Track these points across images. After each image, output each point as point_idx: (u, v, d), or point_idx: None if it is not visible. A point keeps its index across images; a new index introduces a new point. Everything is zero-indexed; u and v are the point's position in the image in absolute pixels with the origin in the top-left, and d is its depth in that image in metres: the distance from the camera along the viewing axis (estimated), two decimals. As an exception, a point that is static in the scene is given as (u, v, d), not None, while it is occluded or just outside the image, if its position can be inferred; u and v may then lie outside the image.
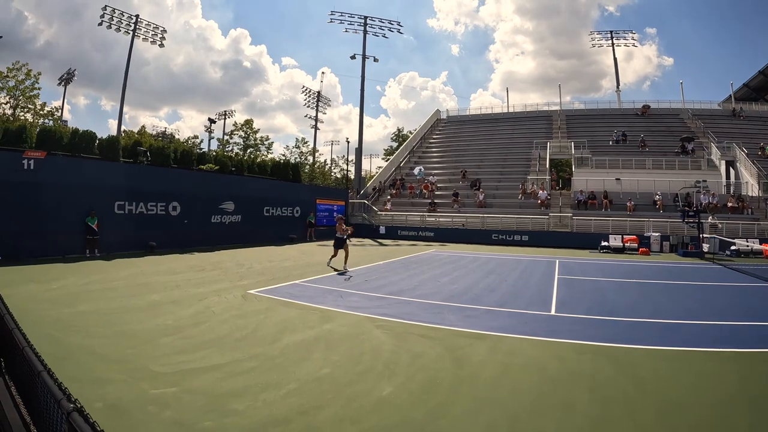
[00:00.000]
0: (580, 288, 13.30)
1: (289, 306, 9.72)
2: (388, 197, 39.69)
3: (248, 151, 66.47)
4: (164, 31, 48.99)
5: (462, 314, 9.43)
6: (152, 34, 48.06)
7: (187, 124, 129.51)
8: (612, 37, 60.32)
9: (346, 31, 48.14)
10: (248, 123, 69.10)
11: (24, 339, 3.38)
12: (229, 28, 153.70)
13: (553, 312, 9.89)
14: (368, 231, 34.78)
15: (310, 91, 69.17)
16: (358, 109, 46.90)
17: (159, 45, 48.86)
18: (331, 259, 16.33)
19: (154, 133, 63.28)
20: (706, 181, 30.61)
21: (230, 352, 6.41)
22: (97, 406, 4.54)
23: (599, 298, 11.76)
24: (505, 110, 57.05)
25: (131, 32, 45.51)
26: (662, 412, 4.80)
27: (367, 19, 47.60)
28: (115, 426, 4.20)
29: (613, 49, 60.64)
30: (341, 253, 16.22)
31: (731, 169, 36.88)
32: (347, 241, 16.37)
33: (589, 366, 6.23)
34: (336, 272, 14.93)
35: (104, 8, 44.32)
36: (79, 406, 2.14)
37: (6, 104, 42.58)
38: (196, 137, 70.37)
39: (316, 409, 4.64)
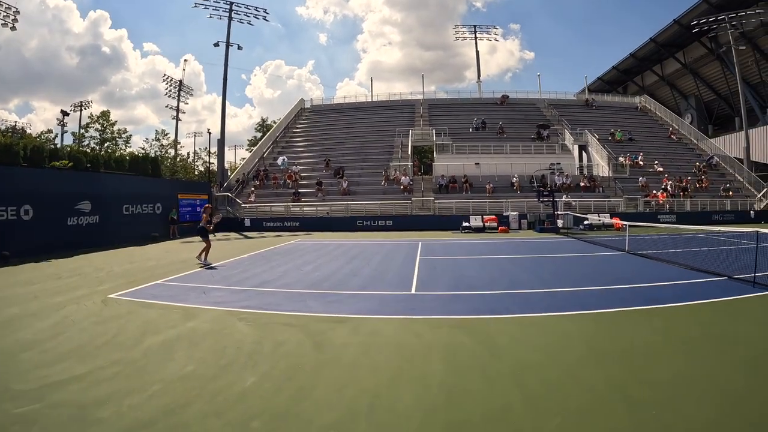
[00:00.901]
0: (441, 267, 14.09)
1: (151, 307, 9.51)
2: (252, 189, 39.05)
3: (105, 145, 61.88)
4: (17, 12, 43.94)
5: (324, 300, 9.79)
6: (3, 15, 42.87)
7: (40, 117, 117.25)
8: (475, 32, 64.07)
9: (210, 17, 46.03)
10: (104, 115, 64.27)
11: None
12: (89, 9, 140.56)
13: (413, 291, 10.53)
14: (233, 224, 33.97)
15: (171, 80, 65.91)
16: (221, 99, 45.42)
17: (11, 28, 43.75)
18: (202, 253, 15.82)
19: (3, 128, 57.01)
20: (560, 163, 33.91)
21: (92, 361, 6.27)
22: (-47, 431, 4.40)
23: (459, 275, 12.60)
24: (369, 99, 58.06)
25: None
26: (517, 373, 5.46)
27: (233, 5, 45.96)
28: None
29: (476, 43, 64.51)
30: (207, 243, 15.91)
31: (584, 152, 40.97)
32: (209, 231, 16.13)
33: (444, 339, 6.83)
34: (199, 268, 14.66)
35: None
36: None
37: None
38: (49, 131, 64.08)
39: (182, 407, 4.75)
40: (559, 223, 27.28)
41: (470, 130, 45.29)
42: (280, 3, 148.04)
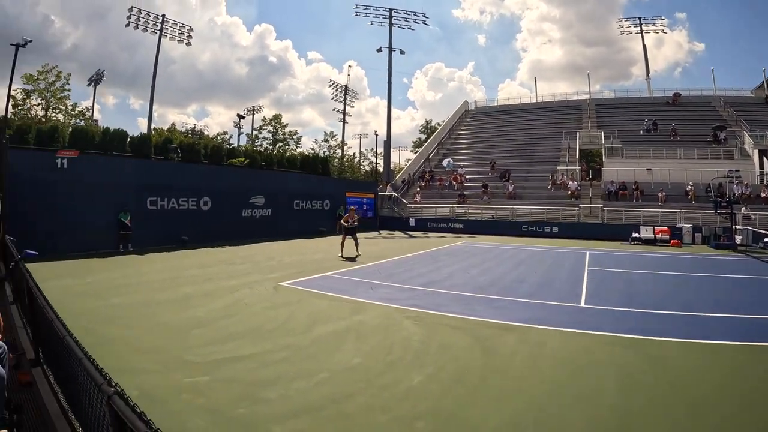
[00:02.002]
0: (610, 280, 13.12)
1: (320, 297, 9.82)
2: (417, 189, 39.60)
3: (277, 145, 66.92)
4: (190, 29, 49.67)
5: (491, 305, 9.41)
6: (178, 33, 48.69)
7: (215, 121, 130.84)
8: (641, 24, 58.88)
9: (371, 24, 48.15)
10: (276, 118, 69.53)
11: (64, 328, 3.46)
12: (254, 24, 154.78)
13: (582, 304, 9.79)
14: (398, 223, 34.82)
15: (337, 85, 69.41)
16: (385, 102, 47.11)
17: (186, 44, 49.64)
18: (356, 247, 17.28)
19: (184, 130, 64.25)
20: (738, 170, 29.94)
21: (262, 343, 6.51)
22: (133, 394, 4.63)
23: (629, 290, 11.59)
24: (534, 100, 56.36)
25: (158, 32, 46.15)
26: (691, 404, 4.76)
27: (392, 12, 47.48)
28: (150, 413, 4.25)
29: (642, 36, 59.14)
30: (349, 241, 17.38)
31: (764, 158, 35.77)
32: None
33: (617, 358, 6.19)
34: (367, 264, 14.99)
35: (130, 9, 45.08)
36: (120, 390, 2.19)
37: (38, 106, 43.62)
38: (225, 133, 71.04)
39: (347, 397, 4.70)
40: (737, 239, 23.89)
41: (641, 132, 41.48)
42: (436, 6, 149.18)
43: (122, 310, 8.39)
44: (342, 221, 18.08)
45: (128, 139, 22.98)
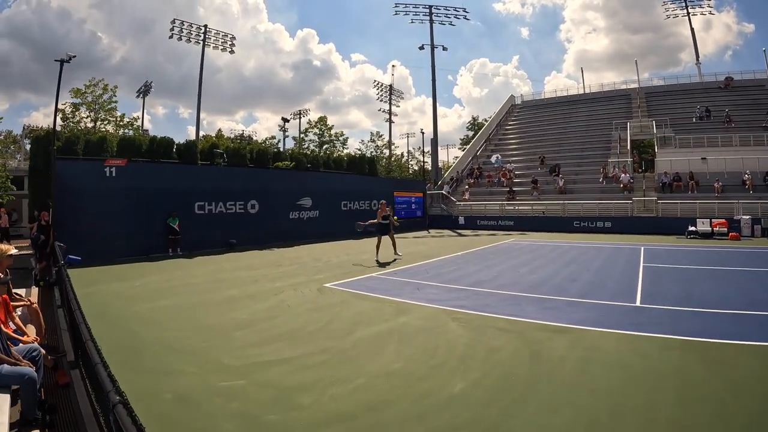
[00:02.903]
0: (667, 277, 12.45)
1: (365, 299, 9.71)
2: (466, 187, 39.20)
3: (324, 147, 67.51)
4: (233, 38, 50.20)
5: (542, 306, 9.06)
6: (222, 42, 49.27)
7: (263, 126, 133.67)
8: (687, 6, 56.36)
9: (411, 22, 47.88)
10: (322, 120, 70.13)
11: (88, 332, 3.44)
12: (296, 29, 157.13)
13: (638, 303, 9.29)
14: (447, 222, 34.57)
15: (381, 85, 69.32)
16: (431, 100, 46.57)
17: (229, 52, 50.27)
18: (394, 247, 16.57)
19: (233, 136, 65.54)
20: None
21: (302, 346, 6.43)
22: (167, 397, 4.71)
23: (688, 288, 10.92)
24: (581, 92, 54.89)
25: (201, 42, 46.99)
26: (758, 418, 4.33)
27: (432, 9, 47.10)
28: (182, 416, 4.33)
29: (689, 19, 56.35)
30: (386, 241, 16.56)
31: None
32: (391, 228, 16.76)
33: (676, 364, 5.75)
34: (414, 264, 14.81)
35: (173, 22, 46.01)
36: (125, 398, 2.14)
37: (87, 118, 45.19)
38: (273, 137, 72.25)
39: (384, 405, 4.54)
40: None
41: (693, 119, 39.67)
42: (477, 1, 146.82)
43: (167, 313, 8.53)
44: (378, 220, 16.84)
45: (174, 147, 23.49)
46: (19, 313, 5.71)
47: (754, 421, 4.25)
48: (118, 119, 47.46)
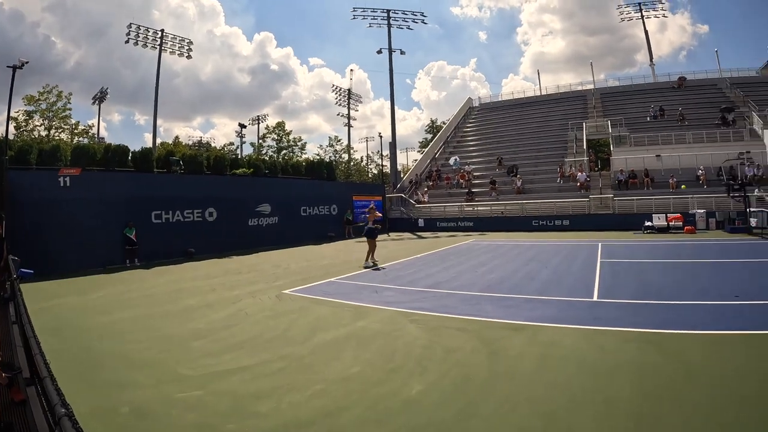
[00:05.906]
0: (624, 272, 12.82)
1: (323, 304, 9.71)
2: (425, 189, 39.52)
3: (282, 153, 67.17)
4: (190, 42, 49.87)
5: (500, 304, 9.23)
6: (179, 47, 48.87)
7: (221, 132, 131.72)
8: (641, 9, 58.33)
9: (370, 26, 48.34)
10: (280, 125, 69.96)
11: (37, 346, 3.42)
12: (253, 32, 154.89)
13: (595, 298, 9.54)
14: (407, 224, 34.72)
15: (340, 90, 69.47)
16: (389, 104, 46.80)
17: (186, 57, 49.86)
18: (369, 255, 16.02)
19: (191, 143, 64.62)
20: (749, 152, 29.42)
21: (260, 354, 6.42)
22: (124, 410, 4.65)
23: (645, 281, 11.29)
24: (538, 93, 56.23)
25: (158, 47, 46.33)
26: (715, 405, 4.45)
27: (390, 12, 47.60)
28: (139, 430, 4.28)
29: (643, 21, 58.52)
30: (373, 245, 16.18)
31: None
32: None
33: (633, 356, 5.90)
34: (373, 268, 14.87)
35: (129, 26, 45.39)
36: (70, 411, 2.15)
37: (40, 126, 44.16)
38: (231, 144, 71.49)
39: (341, 410, 4.57)
40: (752, 221, 23.55)
41: (647, 119, 41.17)
42: (435, 5, 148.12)
43: (124, 325, 8.38)
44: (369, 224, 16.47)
45: (130, 154, 23.12)
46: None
47: (712, 407, 4.39)
48: (73, 127, 46.45)
